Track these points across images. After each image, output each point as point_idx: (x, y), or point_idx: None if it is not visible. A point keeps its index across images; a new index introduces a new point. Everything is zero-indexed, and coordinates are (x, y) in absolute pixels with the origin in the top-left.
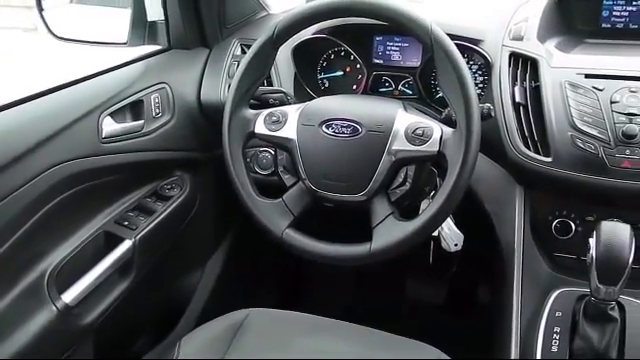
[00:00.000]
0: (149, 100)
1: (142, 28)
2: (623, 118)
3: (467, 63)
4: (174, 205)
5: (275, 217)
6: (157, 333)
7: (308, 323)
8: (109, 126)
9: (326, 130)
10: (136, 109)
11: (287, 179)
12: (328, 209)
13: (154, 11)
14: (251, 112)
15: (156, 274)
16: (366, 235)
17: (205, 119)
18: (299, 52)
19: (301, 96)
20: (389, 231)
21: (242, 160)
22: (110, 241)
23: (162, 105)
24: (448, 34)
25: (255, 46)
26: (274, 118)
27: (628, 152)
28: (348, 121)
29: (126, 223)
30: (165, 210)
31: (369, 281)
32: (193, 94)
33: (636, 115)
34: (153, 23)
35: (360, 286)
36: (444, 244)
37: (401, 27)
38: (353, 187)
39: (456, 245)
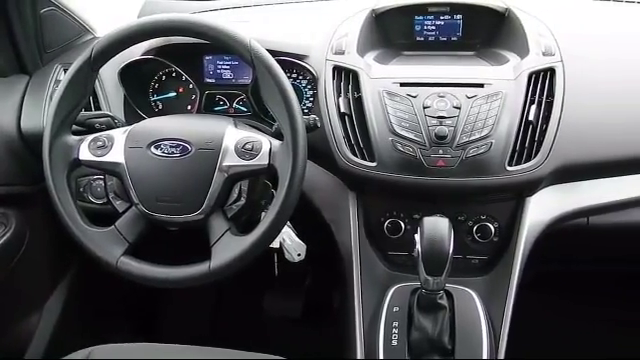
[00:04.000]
0: None
1: None
2: (434, 121)
3: (297, 78)
4: None
5: (108, 246)
6: None
7: (158, 353)
8: None
9: (155, 151)
10: None
11: (119, 205)
12: (170, 232)
13: None
14: (74, 138)
15: None
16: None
17: (28, 150)
18: (127, 74)
19: (134, 120)
20: (227, 247)
21: (67, 189)
22: None
23: None
24: (273, 51)
25: (72, 69)
26: (99, 143)
27: (441, 152)
28: (177, 141)
29: None
30: None
31: (228, 301)
32: (12, 124)
33: (445, 118)
34: None
35: (219, 307)
36: (287, 255)
37: (222, 45)
38: (188, 207)
39: (299, 255)
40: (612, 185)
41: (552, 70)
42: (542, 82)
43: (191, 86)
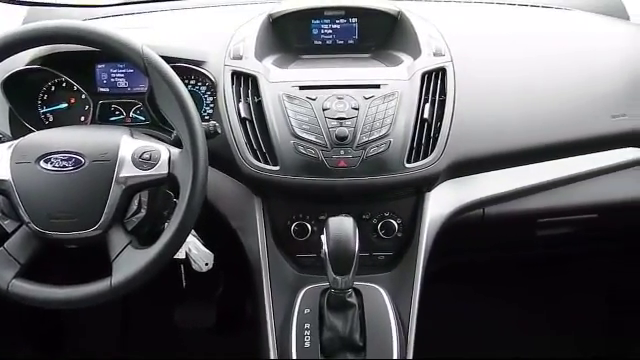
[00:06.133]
0: None
1: None
2: (335, 122)
3: (195, 85)
4: None
5: None
6: None
7: None
8: None
9: (45, 166)
10: None
11: (7, 225)
12: (69, 250)
13: None
14: None
15: None
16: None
17: None
18: (11, 85)
19: (22, 134)
20: (129, 261)
21: None
22: None
23: None
24: (169, 57)
25: None
26: None
27: (342, 152)
28: (69, 153)
29: None
30: None
31: (137, 316)
32: None
33: (345, 119)
34: None
35: (128, 322)
36: (195, 265)
37: (113, 52)
38: (84, 222)
39: (207, 264)
40: (504, 176)
41: (443, 70)
42: (434, 81)
43: (83, 96)
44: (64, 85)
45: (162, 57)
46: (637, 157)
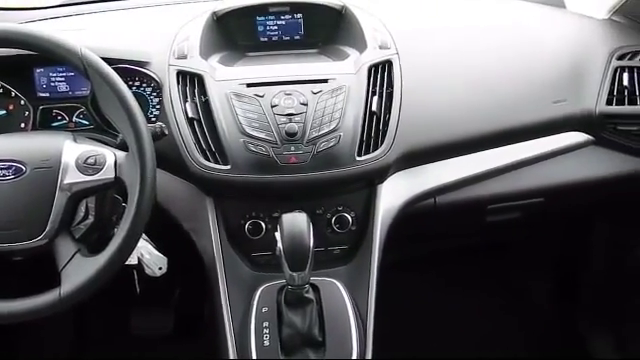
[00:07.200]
0: None
1: None
2: (284, 119)
3: (140, 86)
4: None
5: None
6: None
7: None
8: None
9: None
10: None
11: None
12: (16, 262)
13: None
14: None
15: None
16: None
17: None
18: None
19: None
20: (79, 270)
21: None
22: None
23: None
24: (111, 58)
25: None
26: None
27: (293, 149)
28: (8, 162)
29: None
30: None
31: (93, 324)
32: None
33: (294, 115)
34: None
35: (84, 331)
36: (148, 270)
37: (51, 55)
38: (28, 232)
39: (160, 269)
40: (453, 165)
41: (389, 62)
42: (381, 74)
43: (22, 102)
44: (1, 91)
45: (103, 59)
46: (578, 140)
